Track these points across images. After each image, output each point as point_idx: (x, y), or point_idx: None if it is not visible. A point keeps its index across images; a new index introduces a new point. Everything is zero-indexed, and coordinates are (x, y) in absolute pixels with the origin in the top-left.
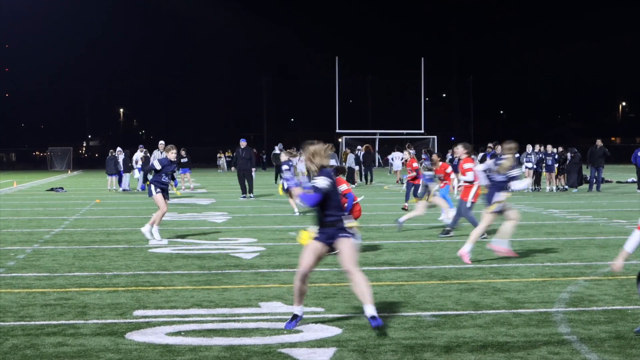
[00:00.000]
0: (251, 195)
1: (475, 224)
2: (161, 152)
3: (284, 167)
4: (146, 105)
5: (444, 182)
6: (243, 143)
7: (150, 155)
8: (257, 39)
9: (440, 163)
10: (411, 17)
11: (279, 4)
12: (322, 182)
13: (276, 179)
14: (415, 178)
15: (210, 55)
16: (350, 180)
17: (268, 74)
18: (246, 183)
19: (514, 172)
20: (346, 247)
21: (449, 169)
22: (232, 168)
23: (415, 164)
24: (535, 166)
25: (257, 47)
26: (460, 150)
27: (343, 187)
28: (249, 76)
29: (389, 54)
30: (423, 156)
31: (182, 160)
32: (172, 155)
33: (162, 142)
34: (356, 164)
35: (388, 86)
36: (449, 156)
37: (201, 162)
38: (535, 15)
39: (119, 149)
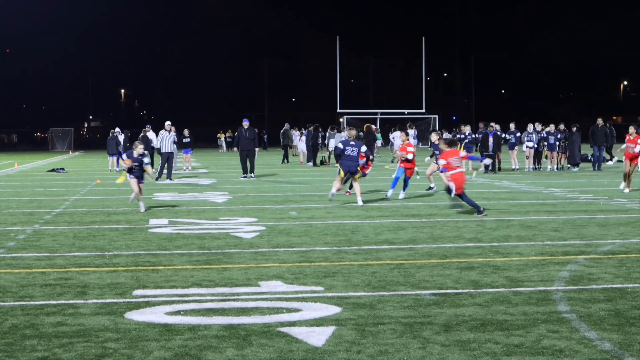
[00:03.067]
0: (252, 175)
1: None
2: (168, 132)
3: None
4: (148, 86)
5: None
6: (246, 123)
7: (157, 135)
8: (258, 19)
9: None
10: None
11: None
12: None
13: (284, 159)
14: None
15: (211, 36)
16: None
17: (269, 54)
18: (248, 163)
19: None
20: None
21: None
22: (235, 148)
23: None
24: (536, 145)
25: (258, 28)
26: None
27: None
28: (251, 56)
29: (390, 34)
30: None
31: (185, 141)
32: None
33: (168, 122)
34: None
35: (389, 66)
36: (447, 135)
37: (203, 142)
38: None
39: (117, 129)
